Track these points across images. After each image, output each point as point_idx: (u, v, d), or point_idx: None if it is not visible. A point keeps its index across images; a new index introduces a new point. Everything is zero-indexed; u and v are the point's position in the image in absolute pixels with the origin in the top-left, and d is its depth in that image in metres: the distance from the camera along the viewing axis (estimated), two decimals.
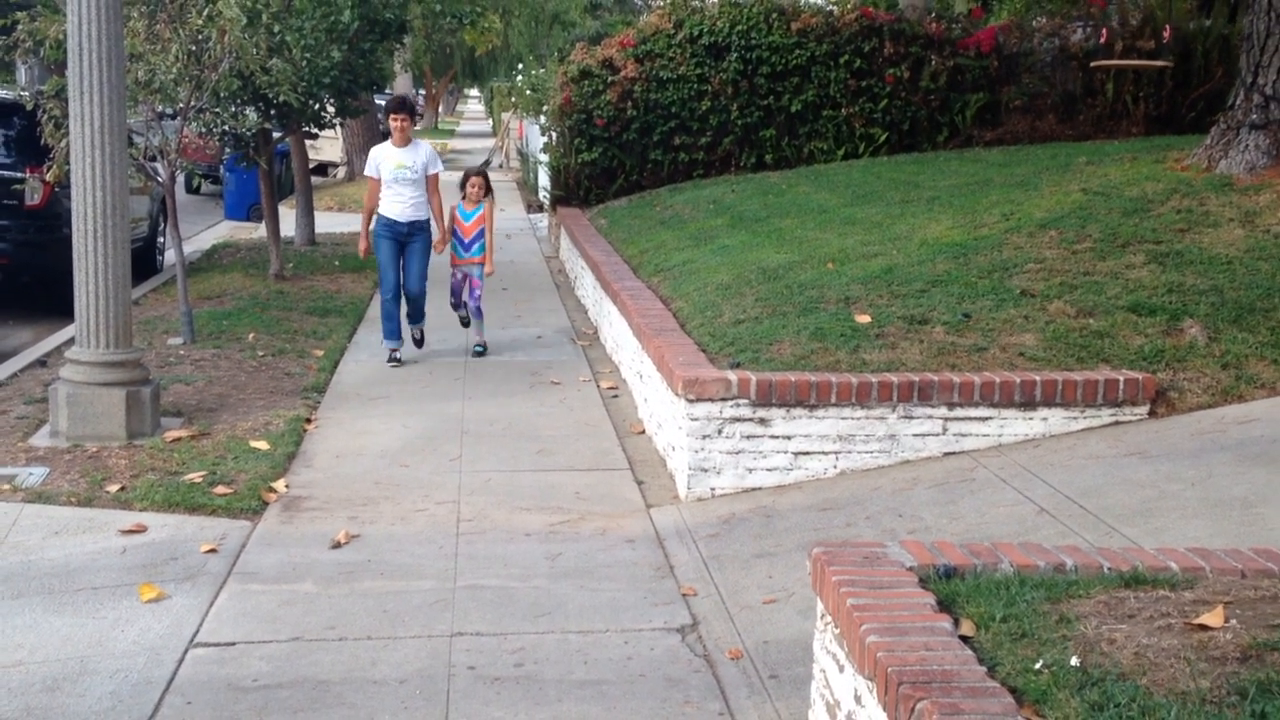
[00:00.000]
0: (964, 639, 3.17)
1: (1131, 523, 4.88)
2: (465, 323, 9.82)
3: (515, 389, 8.48)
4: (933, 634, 3.17)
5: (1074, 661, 2.94)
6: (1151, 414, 6.10)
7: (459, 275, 9.61)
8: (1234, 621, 3.06)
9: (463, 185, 9.60)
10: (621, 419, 7.73)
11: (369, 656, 4.44)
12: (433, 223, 9.20)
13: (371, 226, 9.18)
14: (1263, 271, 6.88)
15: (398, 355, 9.17)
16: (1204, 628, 3.05)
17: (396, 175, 8.95)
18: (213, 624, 4.74)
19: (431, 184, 9.13)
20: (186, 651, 4.49)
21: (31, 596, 5.02)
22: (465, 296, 9.59)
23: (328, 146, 25.12)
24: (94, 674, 4.32)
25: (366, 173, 9.17)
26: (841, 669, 3.50)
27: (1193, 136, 10.78)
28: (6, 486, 6.24)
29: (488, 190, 9.52)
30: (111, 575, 5.23)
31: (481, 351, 9.44)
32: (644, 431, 7.42)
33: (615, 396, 8.27)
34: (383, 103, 31.93)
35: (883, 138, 14.34)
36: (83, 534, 5.71)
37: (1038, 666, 2.95)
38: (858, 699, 3.34)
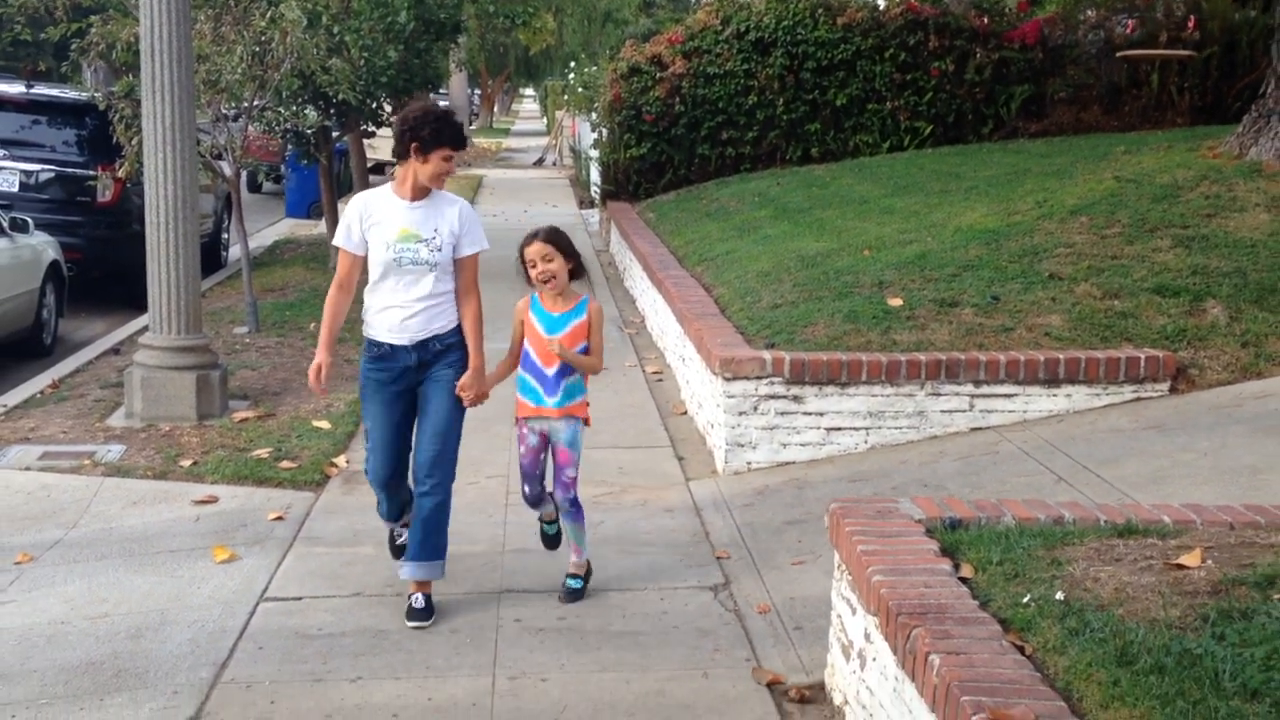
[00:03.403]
0: (962, 579, 3.47)
1: (1143, 489, 5.13)
2: (551, 541, 5.20)
3: None
4: (933, 575, 3.47)
5: (1059, 596, 3.23)
6: (1172, 390, 6.33)
7: (533, 439, 4.91)
8: (1209, 562, 3.34)
9: (523, 260, 4.84)
10: (665, 401, 8.05)
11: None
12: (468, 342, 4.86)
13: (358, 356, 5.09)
14: None
15: (402, 540, 5.15)
16: (1181, 567, 3.33)
17: (400, 254, 4.68)
18: (281, 581, 5.13)
19: (467, 274, 4.79)
20: (257, 605, 4.88)
21: (113, 559, 5.43)
22: (549, 483, 5.04)
23: (384, 146, 25.61)
24: (173, 624, 4.71)
25: (339, 243, 4.82)
26: (854, 611, 3.81)
27: (1234, 126, 10.92)
28: (87, 461, 6.68)
29: (577, 268, 4.88)
30: (186, 540, 5.64)
31: (577, 590, 4.98)
32: (685, 412, 7.74)
33: (659, 380, 8.59)
34: (443, 102, 32.30)
35: (927, 130, 14.53)
36: (159, 504, 6.12)
37: (1025, 600, 3.25)
38: (867, 637, 3.64)
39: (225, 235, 14.69)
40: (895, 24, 14.49)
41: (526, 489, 5.02)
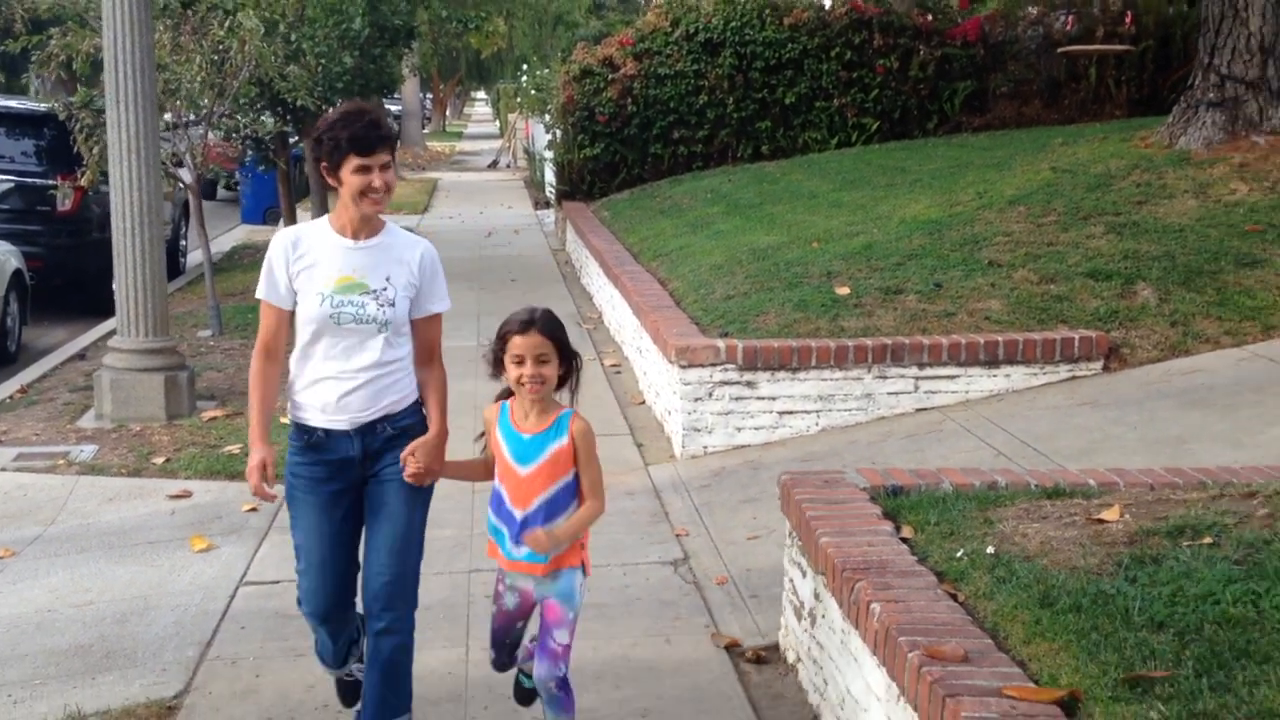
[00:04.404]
0: (903, 539, 3.75)
1: (1076, 460, 5.43)
2: (526, 697, 3.90)
3: None
4: (876, 535, 3.75)
5: (989, 550, 3.51)
6: (1105, 369, 6.65)
7: (511, 598, 3.73)
8: (1127, 516, 3.64)
9: (503, 347, 3.55)
10: (623, 391, 8.30)
11: None
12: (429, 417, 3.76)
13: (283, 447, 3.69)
14: (1212, 238, 7.42)
15: (353, 679, 3.98)
16: (1102, 522, 3.62)
17: (339, 308, 3.60)
18: (259, 567, 5.34)
19: (428, 339, 3.76)
20: (237, 589, 5.09)
21: (94, 551, 5.62)
22: (528, 644, 3.85)
23: None
24: (157, 609, 4.91)
25: (261, 294, 3.69)
26: (804, 574, 4.08)
27: (1167, 117, 11.31)
28: (61, 461, 6.85)
29: (568, 369, 3.61)
30: (164, 532, 5.83)
31: None
32: (643, 402, 7.99)
33: (618, 373, 8.84)
34: (395, 107, 32.08)
35: (874, 126, 14.87)
36: (134, 499, 6.31)
37: (959, 555, 3.53)
38: (816, 596, 3.91)
39: (183, 242, 14.80)
40: (840, 23, 14.82)
41: (494, 656, 3.81)
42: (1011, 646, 2.99)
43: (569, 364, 3.56)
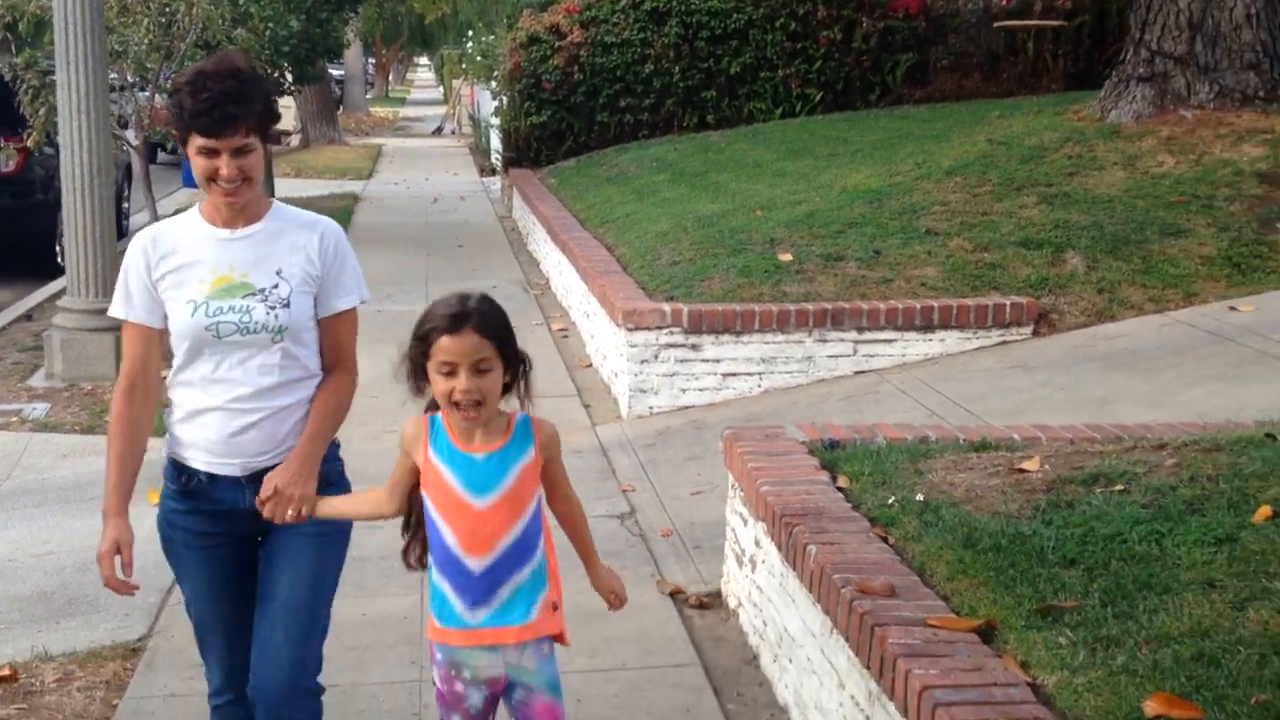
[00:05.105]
0: (839, 488, 3.97)
1: (1005, 419, 5.67)
2: None
3: None
4: (813, 484, 3.97)
5: (918, 497, 3.74)
6: (1035, 334, 6.92)
7: (474, 698, 2.74)
8: (1047, 467, 3.88)
9: (427, 353, 2.68)
10: (571, 355, 8.47)
11: (354, 539, 5.16)
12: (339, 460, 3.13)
13: (158, 501, 3.13)
14: (1139, 208, 7.71)
15: None
16: (1023, 471, 3.86)
17: (218, 317, 2.88)
18: None
19: (339, 341, 3.05)
20: None
21: (50, 505, 5.72)
22: None
23: (283, 115, 25.61)
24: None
25: (119, 312, 2.95)
26: (745, 523, 4.29)
27: (1100, 91, 11.61)
28: (14, 419, 6.93)
29: (515, 376, 2.74)
30: None
31: None
32: (591, 365, 8.18)
33: (565, 337, 9.01)
34: (337, 72, 31.96)
35: (818, 97, 15.08)
36: (88, 456, 6.40)
37: (890, 502, 3.75)
38: (757, 543, 4.13)
39: (126, 204, 14.73)
40: None
41: None
42: (936, 583, 3.22)
43: (515, 368, 2.69)
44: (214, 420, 2.90)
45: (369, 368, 8.98)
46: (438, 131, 31.11)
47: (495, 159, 19.05)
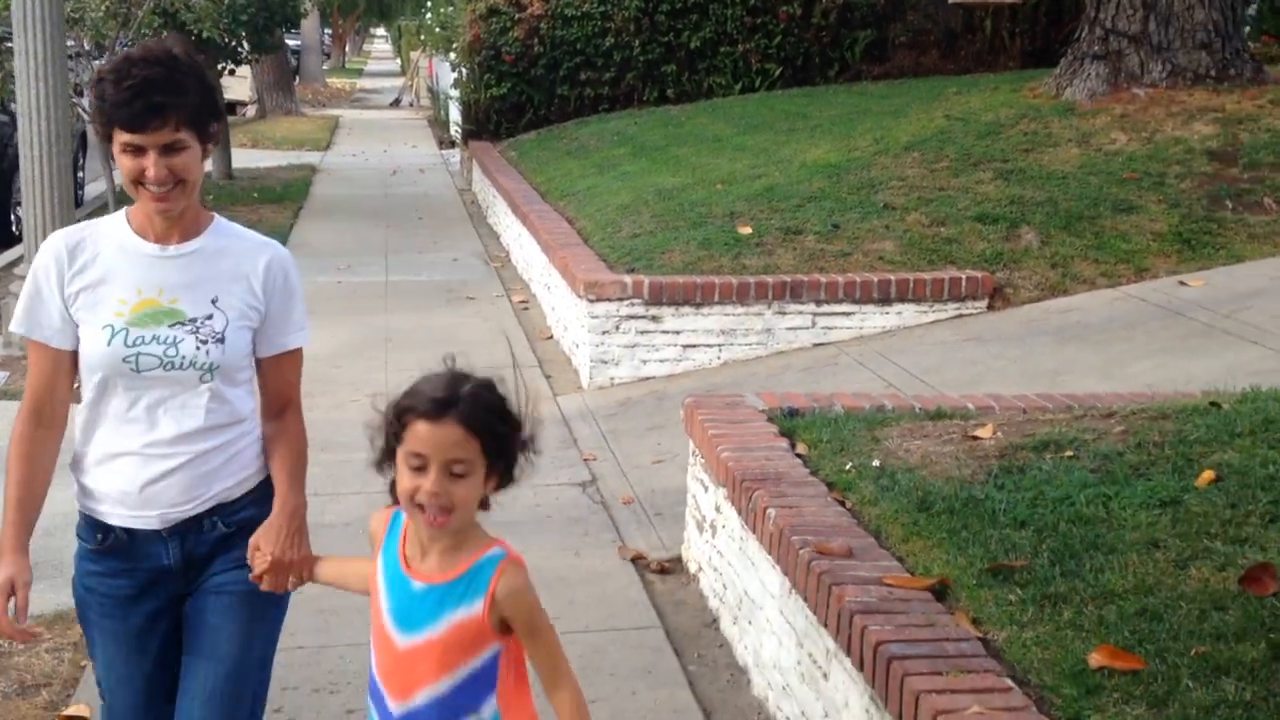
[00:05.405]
0: (798, 455, 4.07)
1: (960, 390, 5.77)
2: None
3: (434, 304, 9.22)
4: (772, 451, 4.06)
5: (875, 463, 3.84)
6: (990, 307, 7.05)
7: None
8: (999, 434, 3.99)
9: (399, 434, 2.17)
10: (532, 327, 8.53)
11: (319, 507, 5.18)
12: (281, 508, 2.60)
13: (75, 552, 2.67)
14: (1092, 185, 7.85)
15: None
16: (976, 438, 3.97)
17: (138, 348, 2.48)
18: None
19: (282, 383, 2.66)
20: None
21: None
22: None
23: (236, 85, 25.33)
24: None
25: (20, 328, 2.55)
26: (706, 489, 4.38)
27: (1056, 69, 11.76)
28: None
29: (507, 473, 2.22)
30: None
31: None
32: (551, 337, 8.23)
33: (526, 309, 9.06)
34: (294, 42, 31.71)
35: (777, 72, 15.16)
36: None
37: (848, 467, 3.85)
38: (717, 509, 4.22)
39: (81, 174, 14.58)
40: None
41: None
42: (892, 544, 3.32)
43: (505, 467, 2.19)
44: (127, 467, 2.53)
45: (331, 338, 9.05)
46: (395, 103, 30.93)
47: (454, 131, 19.00)
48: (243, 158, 17.86)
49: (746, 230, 7.69)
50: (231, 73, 14.12)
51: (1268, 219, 7.43)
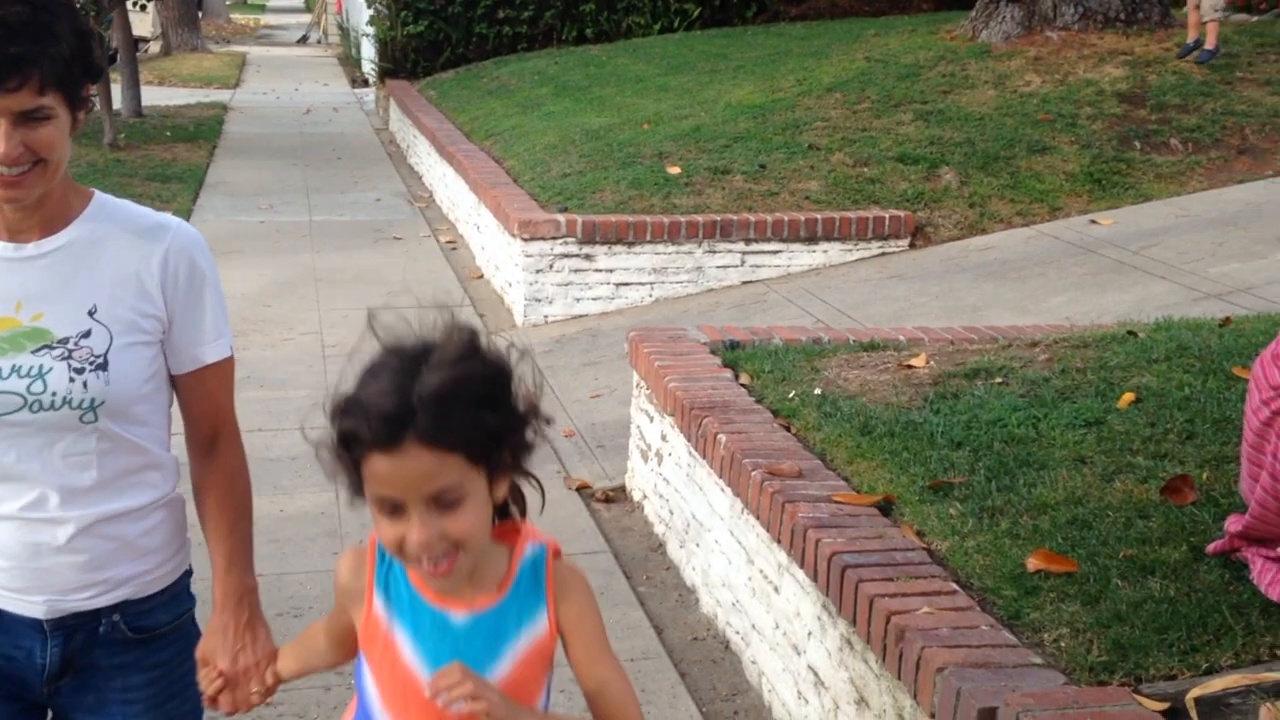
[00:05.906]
0: (742, 385, 4.24)
1: (886, 325, 6.02)
2: None
3: (360, 244, 9.23)
4: (718, 381, 4.23)
5: (817, 391, 4.03)
6: (911, 245, 7.28)
7: None
8: (932, 363, 4.20)
9: (360, 464, 1.54)
10: (461, 267, 8.59)
11: (263, 443, 5.31)
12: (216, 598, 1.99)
13: None
14: (1008, 126, 8.11)
15: None
16: (911, 367, 4.18)
17: None
18: None
19: (204, 404, 2.02)
20: None
21: None
22: None
23: (137, 21, 24.69)
24: None
25: None
26: (651, 420, 4.54)
27: (971, 12, 12.00)
28: None
29: (500, 459, 1.59)
30: None
31: None
32: (482, 276, 8.31)
33: (454, 249, 9.11)
34: None
35: (696, 13, 15.22)
36: None
37: (790, 396, 4.03)
38: (664, 437, 4.39)
39: None
40: None
41: None
42: (837, 466, 3.51)
43: (514, 458, 1.65)
44: (6, 534, 1.85)
45: (259, 276, 9.10)
46: (303, 40, 30.33)
47: (368, 70, 18.77)
48: (151, 95, 17.47)
49: (675, 170, 7.83)
50: (143, 8, 13.78)
51: (1174, 159, 7.75)
